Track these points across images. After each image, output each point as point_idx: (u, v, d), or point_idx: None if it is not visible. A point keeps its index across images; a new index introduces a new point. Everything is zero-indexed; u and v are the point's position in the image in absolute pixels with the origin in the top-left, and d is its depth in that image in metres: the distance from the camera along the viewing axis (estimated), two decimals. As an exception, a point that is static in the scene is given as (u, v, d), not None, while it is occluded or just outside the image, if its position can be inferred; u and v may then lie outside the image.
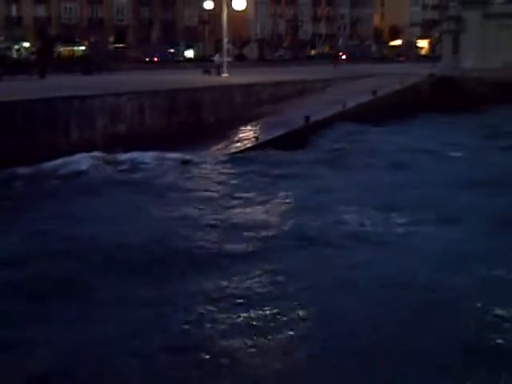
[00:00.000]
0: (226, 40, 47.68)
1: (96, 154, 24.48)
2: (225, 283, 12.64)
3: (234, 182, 22.15)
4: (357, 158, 25.98)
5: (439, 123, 36.49)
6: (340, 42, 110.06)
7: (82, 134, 26.16)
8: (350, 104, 35.01)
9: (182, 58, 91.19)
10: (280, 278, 12.91)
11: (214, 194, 20.29)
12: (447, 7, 65.48)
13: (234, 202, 19.14)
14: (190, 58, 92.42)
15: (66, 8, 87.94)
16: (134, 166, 23.80)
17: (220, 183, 21.97)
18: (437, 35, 77.54)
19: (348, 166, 24.60)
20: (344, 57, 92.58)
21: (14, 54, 77.62)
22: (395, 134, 32.01)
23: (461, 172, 23.09)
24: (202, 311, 11.46)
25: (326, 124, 31.16)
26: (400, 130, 33.21)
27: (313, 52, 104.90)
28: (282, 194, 20.15)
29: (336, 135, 29.96)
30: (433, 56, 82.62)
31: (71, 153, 24.02)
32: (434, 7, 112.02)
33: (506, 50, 53.32)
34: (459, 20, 58.10)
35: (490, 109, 40.67)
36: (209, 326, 10.95)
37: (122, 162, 24.19)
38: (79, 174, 22.48)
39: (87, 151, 24.49)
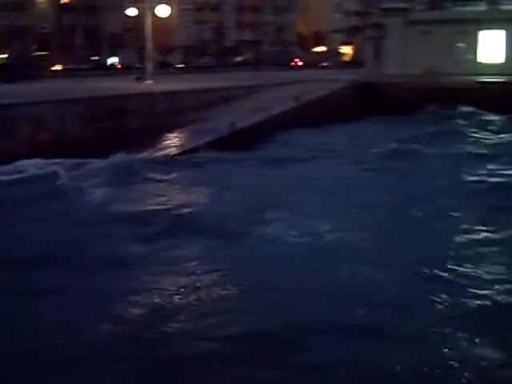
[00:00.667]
0: (149, 47, 47.36)
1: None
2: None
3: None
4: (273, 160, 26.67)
5: (355, 129, 37.01)
6: (264, 48, 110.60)
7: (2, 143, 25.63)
8: (275, 111, 35.16)
9: (108, 65, 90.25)
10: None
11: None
12: (369, 14, 66.55)
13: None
14: (114, 65, 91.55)
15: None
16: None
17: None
18: (359, 41, 78.55)
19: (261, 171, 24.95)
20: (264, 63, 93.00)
21: None
22: (314, 136, 32.43)
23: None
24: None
25: (251, 131, 31.19)
26: (319, 135, 33.54)
27: (238, 59, 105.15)
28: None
29: (261, 142, 30.05)
30: (356, 62, 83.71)
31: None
32: (357, 14, 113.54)
33: (427, 56, 54.39)
34: (381, 27, 59.07)
35: (413, 114, 41.42)
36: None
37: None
38: None
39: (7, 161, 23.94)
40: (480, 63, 56.61)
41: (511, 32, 55.97)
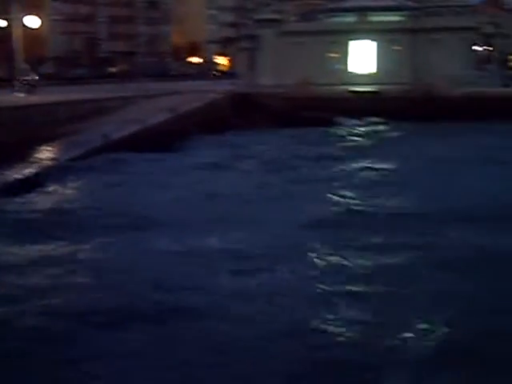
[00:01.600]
0: (19, 59, 46.01)
1: None
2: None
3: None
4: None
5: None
6: (139, 59, 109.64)
7: None
8: (150, 122, 34.78)
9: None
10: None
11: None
12: (244, 25, 67.10)
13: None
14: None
15: None
16: None
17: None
18: (235, 52, 79.09)
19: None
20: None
21: None
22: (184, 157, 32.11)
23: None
24: None
25: (125, 143, 30.68)
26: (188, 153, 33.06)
27: (112, 70, 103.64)
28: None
29: (133, 157, 29.35)
30: (232, 73, 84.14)
31: None
32: (232, 25, 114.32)
33: (300, 67, 55.29)
34: (255, 37, 59.66)
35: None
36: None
37: None
38: None
39: None
40: (351, 73, 58.04)
41: (381, 42, 57.66)
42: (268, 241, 16.40)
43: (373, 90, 50.25)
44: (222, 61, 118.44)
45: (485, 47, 70.05)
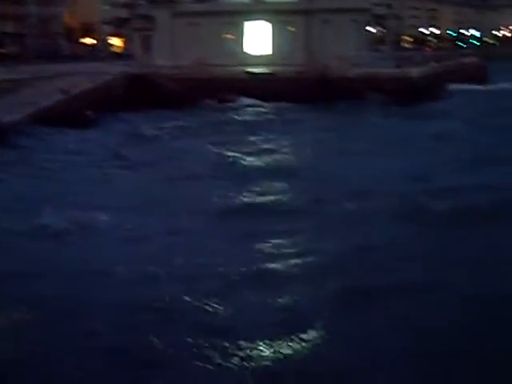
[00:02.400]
0: None
1: None
2: None
3: None
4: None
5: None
6: (29, 40, 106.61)
7: None
8: (42, 104, 33.86)
9: None
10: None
11: None
12: (138, 6, 66.01)
13: None
14: None
15: None
16: None
17: None
18: (129, 33, 77.78)
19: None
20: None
21: None
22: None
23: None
24: None
25: (18, 126, 29.77)
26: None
27: (2, 51, 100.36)
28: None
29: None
30: (127, 54, 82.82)
31: None
32: (125, 5, 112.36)
33: (196, 48, 54.89)
34: (150, 18, 58.82)
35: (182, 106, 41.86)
36: None
37: None
38: None
39: None
40: (247, 54, 57.98)
41: (276, 24, 57.76)
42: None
43: (268, 71, 50.37)
44: (116, 42, 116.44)
45: (378, 28, 71.44)
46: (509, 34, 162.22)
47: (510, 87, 54.45)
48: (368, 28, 61.88)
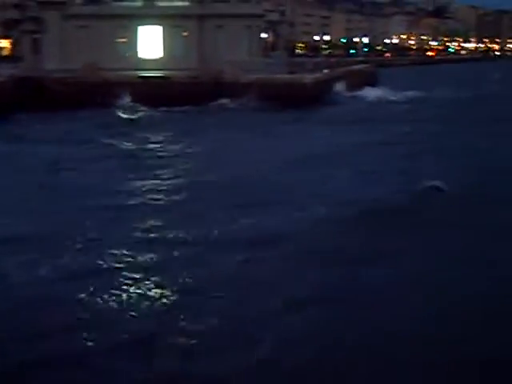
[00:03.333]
0: None
1: None
2: None
3: None
4: None
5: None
6: None
7: None
8: None
9: None
10: None
11: None
12: (27, 7, 64.34)
13: None
14: None
15: None
16: None
17: None
18: (17, 35, 75.88)
19: None
20: None
21: None
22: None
23: None
24: None
25: None
26: None
27: None
28: None
29: None
30: (16, 56, 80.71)
31: None
32: (15, 6, 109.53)
33: (87, 51, 53.96)
34: (39, 20, 57.47)
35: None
36: None
37: None
38: None
39: None
40: (140, 58, 57.36)
41: (167, 28, 57.38)
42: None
43: (161, 75, 50.01)
44: (5, 44, 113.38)
45: (271, 34, 72.08)
46: (397, 41, 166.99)
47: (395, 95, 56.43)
48: (261, 34, 62.20)
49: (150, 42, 58.11)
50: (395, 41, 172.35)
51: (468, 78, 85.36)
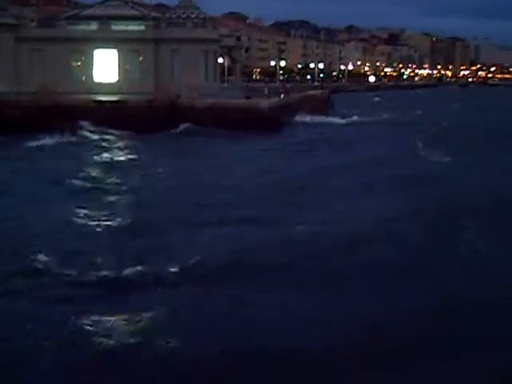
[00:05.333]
0: None
1: None
2: None
3: None
4: None
5: None
6: None
7: None
8: None
9: None
10: None
11: None
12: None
13: None
14: None
15: None
16: None
17: None
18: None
19: None
20: None
21: None
22: None
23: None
24: None
25: None
26: None
27: None
28: None
29: None
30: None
31: None
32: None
33: (41, 74, 53.29)
34: (-8, 42, 56.65)
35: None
36: None
37: None
38: None
39: None
40: (95, 82, 56.80)
41: (124, 52, 56.98)
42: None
43: (116, 99, 49.56)
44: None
45: (228, 59, 72.08)
46: (351, 67, 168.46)
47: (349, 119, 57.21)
48: (218, 59, 62.12)
49: (106, 66, 57.63)
50: (350, 67, 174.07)
51: (416, 103, 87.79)
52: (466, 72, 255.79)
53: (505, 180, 27.76)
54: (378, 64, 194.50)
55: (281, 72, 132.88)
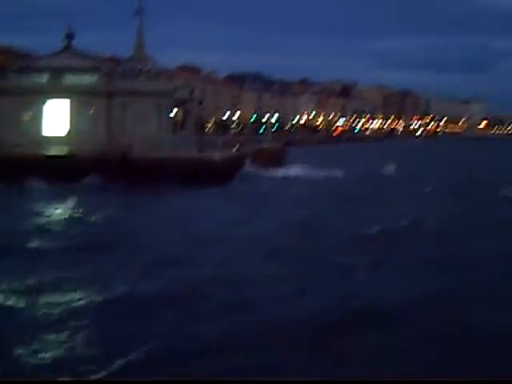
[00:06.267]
0: None
1: None
2: None
3: None
4: None
5: None
6: None
7: None
8: None
9: None
10: None
11: None
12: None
13: None
14: None
15: None
16: None
17: None
18: None
19: None
20: None
21: None
22: None
23: None
24: None
25: None
26: None
27: None
28: None
29: None
30: None
31: None
32: None
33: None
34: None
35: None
36: None
37: None
38: None
39: None
40: (45, 135, 55.76)
41: (76, 104, 56.23)
42: None
43: (67, 153, 48.90)
44: None
45: (180, 112, 71.83)
46: (304, 120, 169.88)
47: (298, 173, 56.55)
48: (170, 111, 61.78)
49: (56, 118, 56.77)
50: (304, 119, 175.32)
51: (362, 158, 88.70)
52: (417, 125, 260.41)
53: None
54: (330, 117, 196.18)
55: (234, 125, 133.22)
